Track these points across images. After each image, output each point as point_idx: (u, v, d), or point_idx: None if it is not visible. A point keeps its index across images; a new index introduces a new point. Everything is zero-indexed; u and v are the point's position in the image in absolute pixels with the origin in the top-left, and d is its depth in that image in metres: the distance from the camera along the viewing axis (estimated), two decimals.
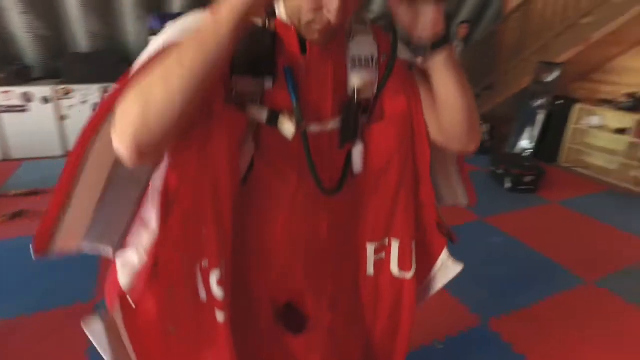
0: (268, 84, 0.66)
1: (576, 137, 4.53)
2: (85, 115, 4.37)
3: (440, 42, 0.66)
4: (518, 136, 4.63)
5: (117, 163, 0.64)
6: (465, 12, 5.69)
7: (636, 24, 3.79)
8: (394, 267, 0.87)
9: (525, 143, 4.55)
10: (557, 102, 4.44)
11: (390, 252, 0.87)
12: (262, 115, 0.67)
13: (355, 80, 0.73)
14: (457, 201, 0.95)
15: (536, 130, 4.48)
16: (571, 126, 4.48)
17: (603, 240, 3.05)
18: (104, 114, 0.61)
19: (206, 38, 0.54)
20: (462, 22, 5.03)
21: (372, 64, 0.74)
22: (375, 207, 0.83)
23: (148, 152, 0.57)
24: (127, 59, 4.53)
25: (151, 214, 0.69)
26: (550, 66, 4.32)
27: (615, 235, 3.11)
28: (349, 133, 0.74)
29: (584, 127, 4.44)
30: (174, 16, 4.18)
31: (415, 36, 0.67)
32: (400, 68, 0.76)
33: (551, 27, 4.63)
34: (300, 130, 0.68)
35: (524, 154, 4.47)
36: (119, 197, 0.69)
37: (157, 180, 0.67)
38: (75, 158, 0.63)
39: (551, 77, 4.33)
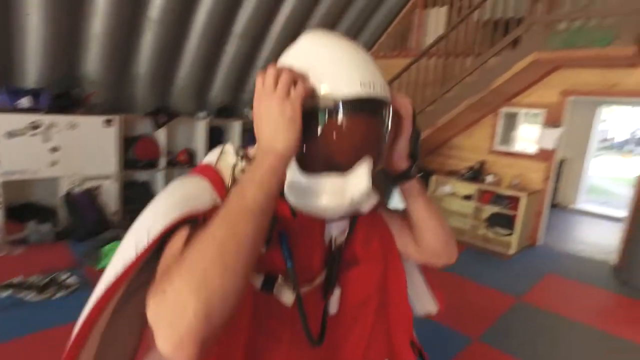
0: (262, 249, 0.64)
1: (435, 203, 5.29)
2: None
3: (403, 176, 0.74)
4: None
5: None
6: None
7: (464, 114, 4.80)
8: None
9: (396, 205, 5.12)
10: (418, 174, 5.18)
11: None
12: (257, 281, 0.65)
13: (334, 231, 0.76)
14: (427, 309, 1.01)
15: None
16: (431, 194, 5.25)
17: (473, 296, 3.53)
18: (90, 325, 0.55)
19: (255, 210, 0.52)
20: None
21: None
22: (353, 343, 0.83)
23: (209, 346, 0.48)
24: None
25: None
26: None
27: (480, 290, 3.64)
28: (332, 284, 0.76)
29: (440, 194, 5.25)
30: (29, 92, 3.68)
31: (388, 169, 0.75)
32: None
33: None
34: (295, 294, 0.67)
35: None
36: None
37: None
38: None
39: None
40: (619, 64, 4.01)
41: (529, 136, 4.95)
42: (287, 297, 0.65)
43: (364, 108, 0.59)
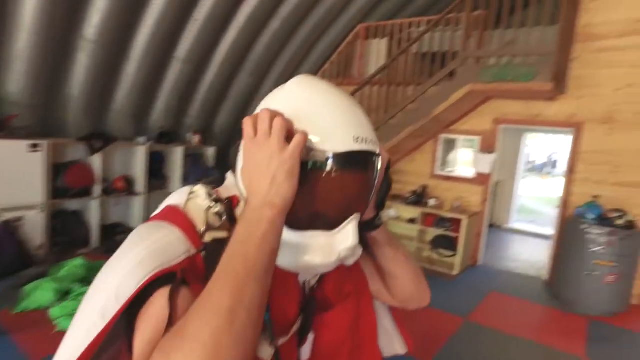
0: None
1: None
2: None
3: (369, 225, 0.71)
4: None
5: None
6: None
7: (407, 140, 5.02)
8: None
9: None
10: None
11: None
12: None
13: (308, 275, 0.72)
14: (395, 350, 0.98)
15: None
16: None
17: (424, 319, 3.58)
18: None
19: (260, 271, 0.50)
20: None
21: None
22: None
23: None
24: None
25: None
26: None
27: (430, 312, 3.71)
28: (307, 331, 0.72)
29: (385, 218, 5.37)
30: None
31: None
32: None
33: None
34: (273, 349, 0.62)
35: None
36: None
37: None
38: None
39: None
40: (540, 97, 4.45)
41: (467, 161, 5.28)
42: (265, 351, 0.59)
43: (357, 163, 0.57)
